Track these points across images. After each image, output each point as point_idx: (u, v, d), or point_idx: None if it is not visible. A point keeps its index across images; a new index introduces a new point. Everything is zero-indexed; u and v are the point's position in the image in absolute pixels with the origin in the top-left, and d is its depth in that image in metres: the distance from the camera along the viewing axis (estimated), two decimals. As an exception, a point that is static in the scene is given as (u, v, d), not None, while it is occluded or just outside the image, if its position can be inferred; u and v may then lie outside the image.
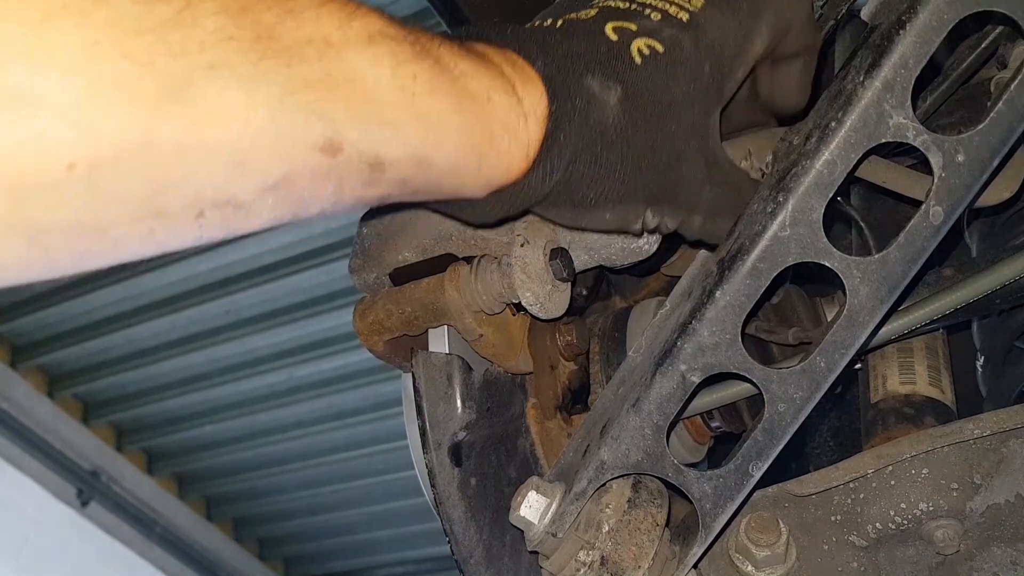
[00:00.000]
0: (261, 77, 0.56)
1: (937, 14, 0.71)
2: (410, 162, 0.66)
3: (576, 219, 0.81)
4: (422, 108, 0.65)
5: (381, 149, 0.64)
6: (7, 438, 4.83)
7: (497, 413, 1.03)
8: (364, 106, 0.62)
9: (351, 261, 1.07)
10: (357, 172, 0.63)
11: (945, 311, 0.90)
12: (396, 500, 5.31)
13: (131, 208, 0.54)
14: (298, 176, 0.60)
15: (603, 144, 0.76)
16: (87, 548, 5.12)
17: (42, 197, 0.50)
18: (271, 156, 0.58)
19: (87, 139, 0.50)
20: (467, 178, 0.72)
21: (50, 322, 4.77)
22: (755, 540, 0.84)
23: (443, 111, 0.67)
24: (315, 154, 0.60)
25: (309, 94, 0.58)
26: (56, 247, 0.53)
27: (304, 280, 4.36)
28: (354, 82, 0.61)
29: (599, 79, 0.75)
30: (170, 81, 0.52)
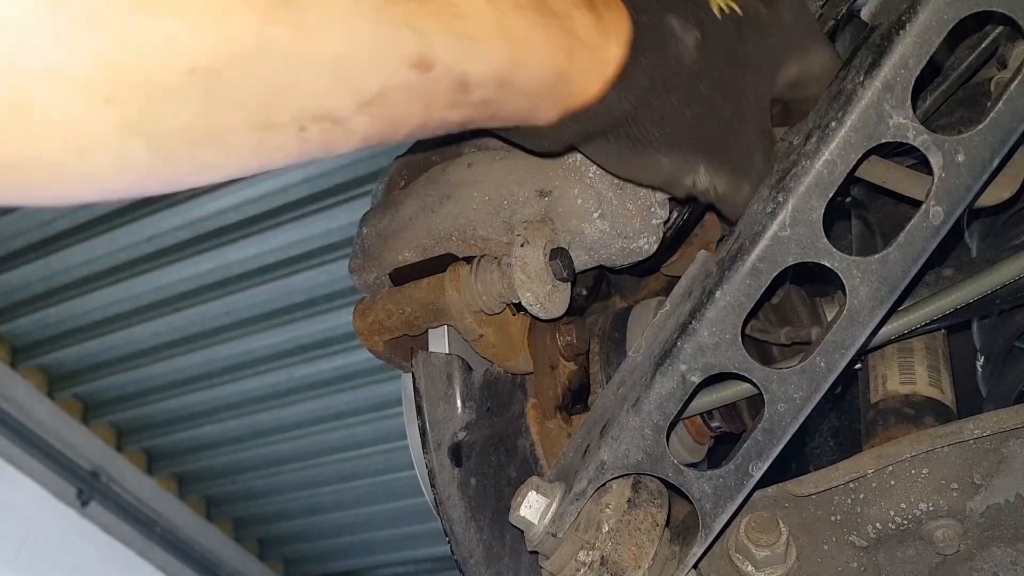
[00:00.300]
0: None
1: (937, 14, 0.71)
2: (493, 81, 0.67)
3: (632, 161, 0.81)
4: (507, 24, 0.66)
5: (468, 67, 0.65)
6: (7, 438, 4.83)
7: (497, 413, 1.03)
8: (454, 21, 0.63)
9: (351, 261, 1.07)
10: (444, 91, 0.64)
11: (945, 311, 0.90)
12: (396, 500, 5.31)
13: (242, 115, 0.56)
14: (391, 92, 0.61)
15: (677, 81, 0.77)
16: (87, 548, 5.12)
17: (165, 102, 0.52)
18: (368, 69, 0.59)
19: (207, 44, 0.52)
20: (543, 99, 0.73)
21: (50, 322, 4.76)
22: (755, 540, 0.84)
23: (527, 27, 0.68)
24: (407, 70, 0.61)
25: (403, 7, 0.60)
26: (177, 154, 0.55)
27: (304, 280, 4.36)
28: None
29: (680, 19, 0.77)
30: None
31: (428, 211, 1.00)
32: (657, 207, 0.97)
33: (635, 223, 0.95)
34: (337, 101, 0.59)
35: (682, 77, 0.77)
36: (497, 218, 0.97)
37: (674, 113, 0.78)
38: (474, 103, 0.67)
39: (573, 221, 0.95)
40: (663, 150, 0.79)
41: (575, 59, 0.72)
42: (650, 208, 0.97)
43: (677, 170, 0.81)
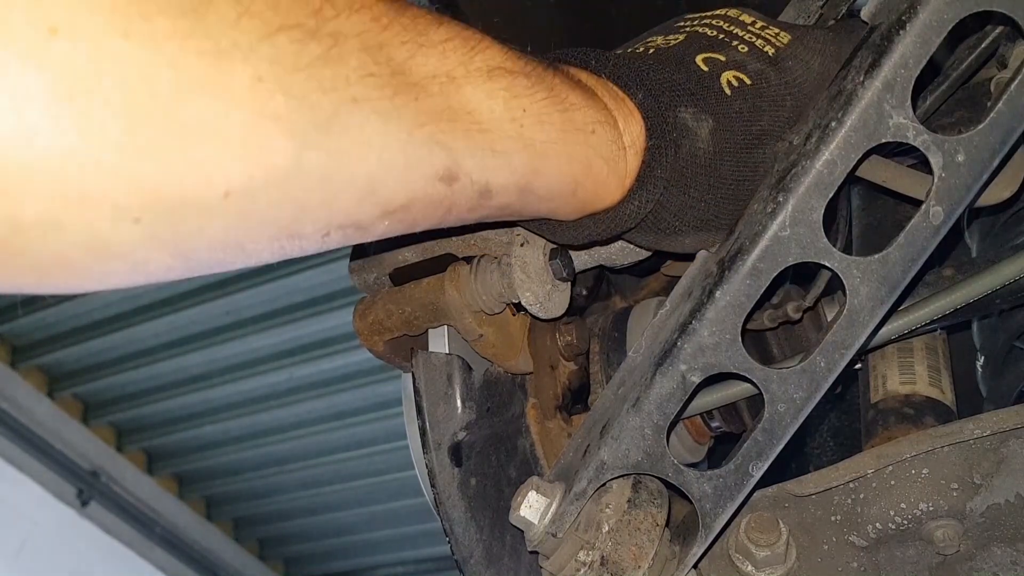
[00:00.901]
0: (395, 111, 0.59)
1: (937, 14, 0.71)
2: (515, 189, 0.69)
3: (656, 243, 0.84)
4: (529, 137, 0.68)
5: (491, 177, 0.67)
6: (7, 438, 4.83)
7: (497, 413, 1.03)
8: (479, 137, 0.65)
9: (351, 261, 1.07)
10: (467, 199, 0.66)
11: (945, 311, 0.90)
12: (396, 500, 5.31)
13: (271, 231, 0.57)
14: (417, 202, 0.63)
15: (693, 174, 0.79)
16: (87, 548, 5.12)
17: (196, 220, 0.53)
18: (397, 185, 0.61)
19: (244, 168, 0.53)
20: (562, 204, 0.75)
21: (50, 322, 4.76)
22: (755, 540, 0.84)
23: (549, 141, 0.70)
24: (435, 183, 0.63)
25: (433, 127, 0.61)
26: (198, 260, 0.56)
27: (304, 280, 4.36)
28: (471, 113, 0.64)
29: (692, 111, 0.78)
30: (320, 115, 0.55)
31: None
32: (657, 207, 0.97)
33: (635, 223, 0.95)
34: (364, 214, 0.61)
35: (698, 168, 0.78)
36: (497, 218, 0.97)
37: (693, 203, 0.80)
38: (494, 207, 0.69)
39: (573, 221, 0.95)
40: (686, 233, 0.82)
41: (593, 171, 0.74)
42: (650, 208, 0.97)
43: (701, 245, 0.85)
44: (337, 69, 0.56)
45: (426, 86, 0.61)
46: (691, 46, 0.82)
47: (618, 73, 0.78)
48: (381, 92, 0.58)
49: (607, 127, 0.74)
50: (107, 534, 5.21)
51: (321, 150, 0.55)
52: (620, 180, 0.77)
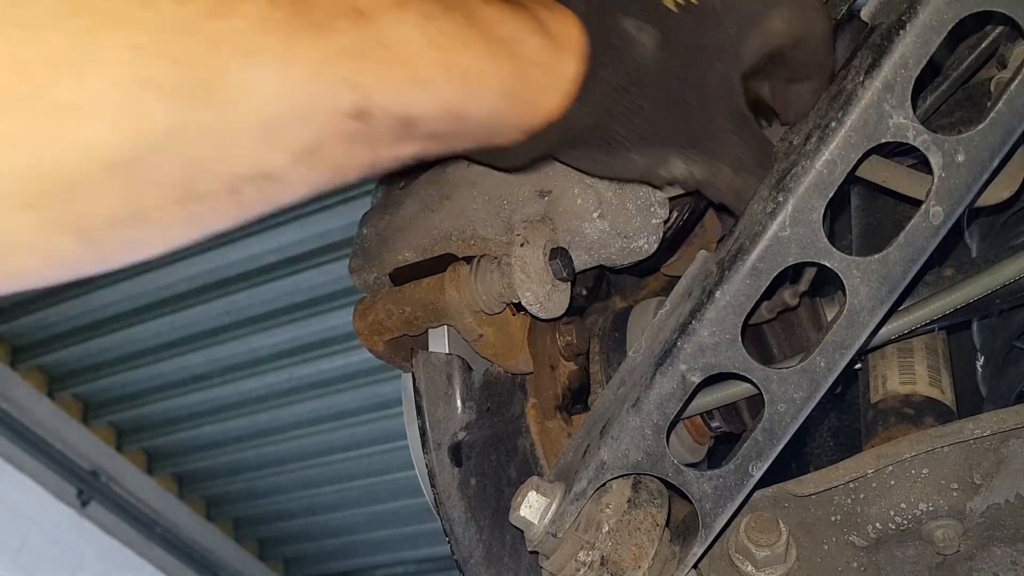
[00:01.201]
0: (293, 55, 0.58)
1: (937, 14, 0.71)
2: (444, 116, 0.68)
3: (607, 163, 0.82)
4: (454, 62, 0.67)
5: (413, 108, 0.65)
6: (7, 438, 4.83)
7: (497, 413, 1.03)
8: (395, 69, 0.63)
9: (351, 261, 1.07)
10: (389, 132, 0.65)
11: (945, 311, 0.90)
12: (396, 500, 5.31)
13: (168, 193, 0.56)
14: (328, 142, 0.61)
15: (640, 84, 0.77)
16: (87, 548, 5.12)
17: (87, 195, 0.53)
18: (300, 127, 0.60)
19: (124, 138, 0.52)
20: (504, 124, 0.74)
21: (50, 322, 4.76)
22: (755, 540, 0.84)
23: (475, 62, 0.68)
24: (344, 120, 0.61)
25: (340, 65, 0.60)
26: (104, 240, 0.56)
27: (304, 280, 4.36)
28: (385, 46, 0.62)
29: (635, 21, 0.77)
30: (205, 73, 0.54)
31: (428, 211, 1.00)
32: (657, 207, 0.97)
33: (635, 223, 0.95)
34: (269, 160, 0.59)
35: (644, 78, 0.77)
36: (497, 218, 0.97)
37: (639, 113, 0.78)
38: (425, 136, 0.68)
39: (573, 221, 0.95)
40: (634, 149, 0.80)
41: (530, 82, 0.73)
42: (650, 208, 0.97)
43: (651, 164, 0.82)
44: (227, 22, 0.55)
45: (331, 23, 0.60)
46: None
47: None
48: (278, 38, 0.57)
49: (536, 35, 0.73)
50: (107, 534, 5.21)
51: (206, 107, 0.55)
52: (561, 87, 0.75)
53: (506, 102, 0.72)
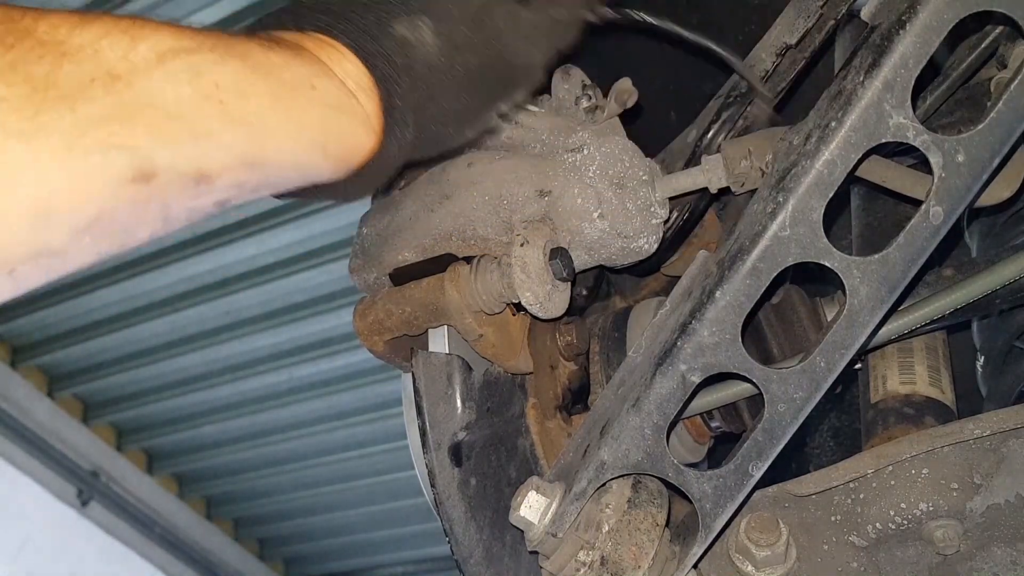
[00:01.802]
0: (42, 130, 0.56)
1: (937, 14, 0.71)
2: (240, 166, 0.66)
3: (445, 146, 0.84)
4: (235, 113, 0.65)
5: (201, 163, 0.64)
6: (7, 438, 4.82)
7: (497, 413, 1.03)
8: (170, 126, 0.62)
9: (351, 261, 1.07)
10: (181, 189, 0.63)
11: (945, 311, 0.90)
12: (396, 500, 5.31)
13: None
14: (113, 210, 0.60)
15: (439, 80, 0.78)
16: (87, 548, 5.12)
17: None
18: (76, 200, 0.58)
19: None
20: (314, 166, 0.73)
21: (50, 322, 4.76)
22: (755, 540, 0.84)
23: (260, 109, 0.67)
24: (127, 185, 0.60)
25: (102, 131, 0.58)
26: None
27: (304, 280, 4.35)
28: (152, 106, 0.61)
29: (405, 23, 0.77)
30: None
31: (428, 211, 1.00)
32: (657, 207, 0.98)
33: (635, 223, 0.95)
34: (47, 237, 0.58)
35: (441, 72, 0.78)
36: (497, 218, 0.97)
37: (451, 102, 0.79)
38: (223, 188, 0.66)
39: (573, 221, 0.95)
40: (464, 125, 0.82)
41: (331, 124, 0.72)
42: (650, 208, 0.97)
43: (484, 127, 0.85)
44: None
45: (83, 92, 0.58)
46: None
47: (320, 23, 0.76)
48: (20, 115, 0.55)
49: (324, 77, 0.72)
50: (107, 534, 5.21)
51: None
52: (366, 123, 0.75)
53: (309, 145, 0.71)
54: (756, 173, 0.95)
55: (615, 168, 0.96)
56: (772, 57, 1.08)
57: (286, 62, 0.70)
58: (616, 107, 1.01)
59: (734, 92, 1.08)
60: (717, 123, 1.07)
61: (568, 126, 1.00)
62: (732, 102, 1.08)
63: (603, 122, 1.01)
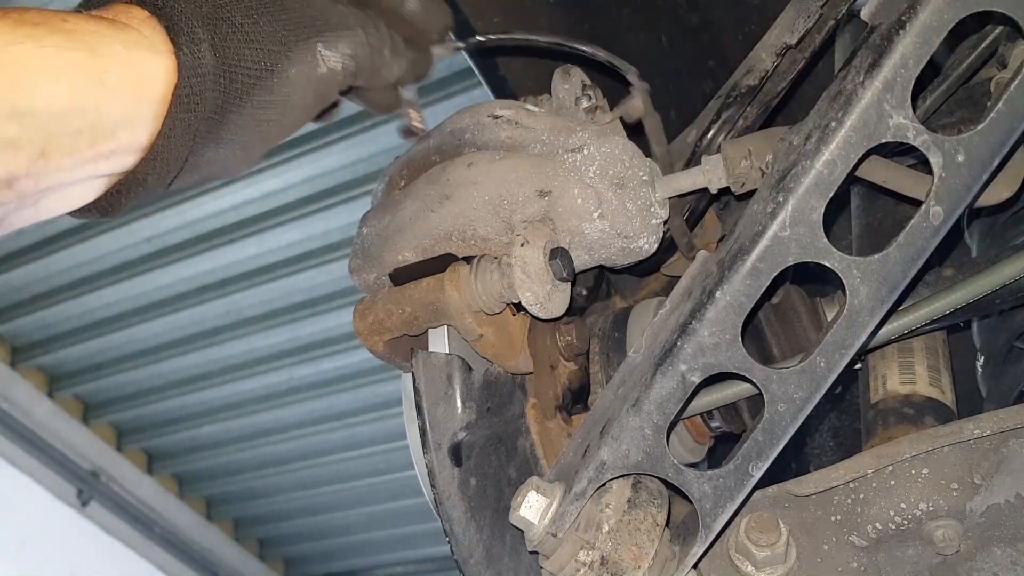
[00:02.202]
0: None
1: (937, 14, 0.71)
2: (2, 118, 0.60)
3: (272, 101, 0.77)
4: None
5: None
6: (7, 438, 4.83)
7: (497, 413, 1.03)
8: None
9: (351, 261, 1.07)
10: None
11: (945, 311, 0.91)
12: (396, 500, 5.31)
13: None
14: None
15: (226, 5, 0.74)
16: (87, 548, 5.12)
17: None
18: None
19: None
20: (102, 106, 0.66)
21: (50, 322, 4.76)
22: (755, 540, 0.84)
23: (2, 46, 0.61)
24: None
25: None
26: None
27: (304, 280, 4.36)
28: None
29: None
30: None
31: (428, 211, 1.00)
32: (657, 207, 0.98)
33: (635, 223, 0.95)
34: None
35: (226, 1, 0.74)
36: (497, 218, 0.97)
37: (253, 24, 0.74)
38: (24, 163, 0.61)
39: (573, 221, 0.95)
40: (281, 62, 0.76)
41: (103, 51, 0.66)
42: (650, 208, 0.97)
43: (308, 69, 0.78)
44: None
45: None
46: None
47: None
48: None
49: (77, 14, 0.67)
50: (107, 534, 5.21)
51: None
52: (147, 44, 0.68)
53: (82, 78, 0.64)
54: (756, 173, 0.95)
55: (615, 168, 0.96)
56: (772, 57, 1.08)
57: (27, 9, 0.65)
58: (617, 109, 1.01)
59: (734, 92, 1.08)
60: (717, 123, 1.07)
61: (568, 126, 1.00)
62: (732, 102, 1.08)
63: (603, 122, 1.02)
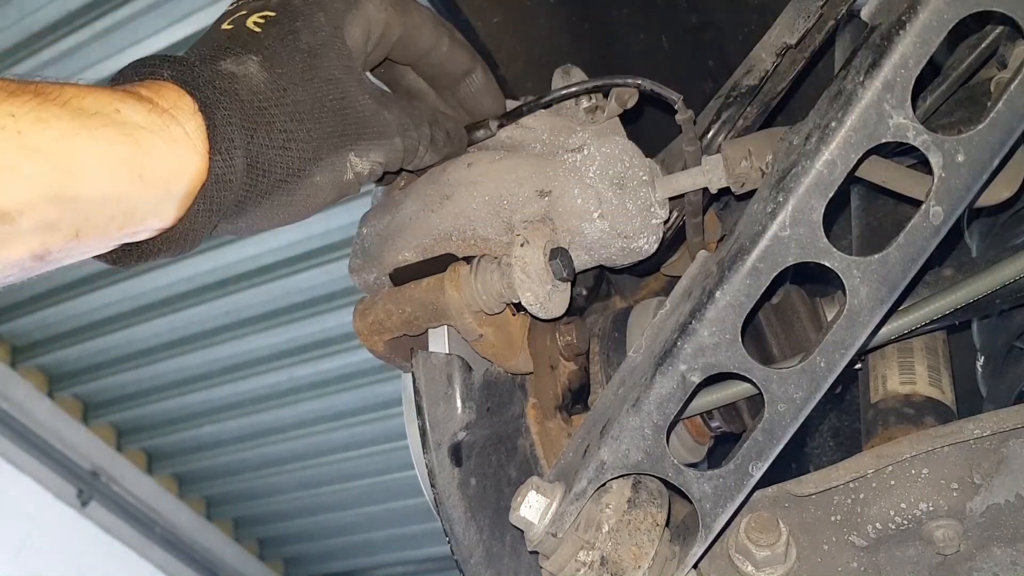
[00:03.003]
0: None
1: (937, 14, 0.71)
2: (45, 202, 0.63)
3: (292, 200, 0.80)
4: (34, 142, 0.62)
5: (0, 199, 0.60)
6: (7, 438, 4.83)
7: (497, 413, 1.03)
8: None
9: (351, 261, 1.07)
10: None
11: (945, 311, 0.90)
12: (396, 500, 5.31)
13: None
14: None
15: (267, 108, 0.76)
16: (87, 548, 5.12)
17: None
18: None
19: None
20: (134, 197, 0.68)
21: (50, 322, 4.76)
22: (755, 540, 0.84)
23: (61, 136, 0.63)
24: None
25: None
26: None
27: (304, 280, 4.35)
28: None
29: (231, 60, 0.77)
30: None
31: (428, 211, 1.00)
32: (657, 207, 0.98)
33: (635, 223, 0.95)
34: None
35: (267, 101, 0.77)
36: (497, 218, 0.97)
37: (288, 135, 0.77)
38: (33, 230, 0.63)
39: (573, 221, 0.95)
40: (309, 171, 0.79)
41: (146, 145, 0.68)
42: (650, 208, 0.97)
43: (335, 175, 0.82)
44: None
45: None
46: (217, 21, 0.83)
47: (150, 69, 0.75)
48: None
49: (131, 100, 0.69)
50: (107, 534, 5.21)
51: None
52: (187, 141, 0.71)
53: (122, 169, 0.67)
54: (756, 173, 0.95)
55: (615, 168, 0.96)
56: (772, 57, 1.08)
57: (85, 91, 0.67)
58: (616, 107, 1.01)
59: (734, 92, 1.08)
60: (717, 123, 1.07)
61: (568, 126, 1.00)
62: (732, 102, 1.08)
63: (603, 122, 1.02)
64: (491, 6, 1.30)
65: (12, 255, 0.64)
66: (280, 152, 0.77)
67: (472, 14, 1.28)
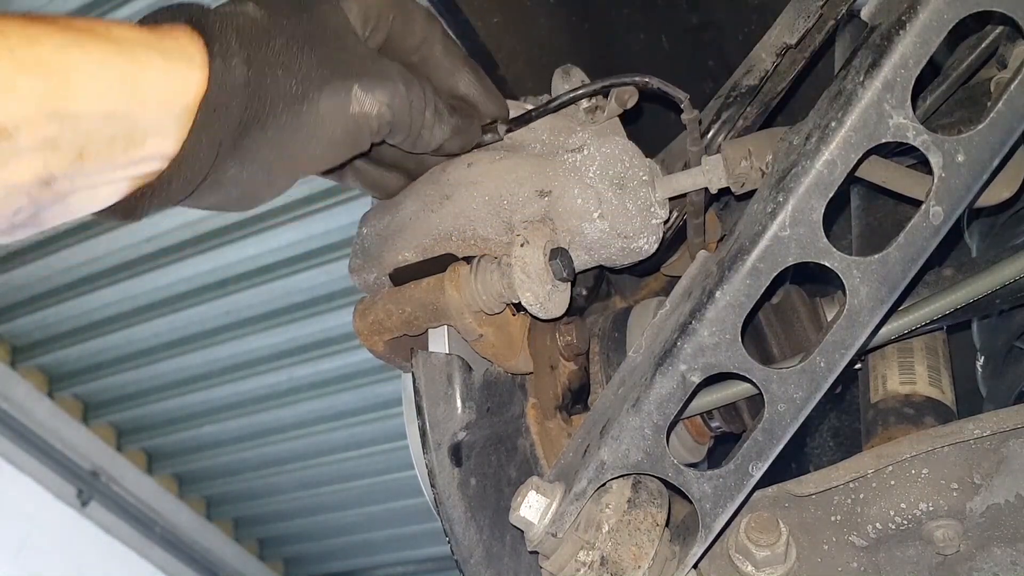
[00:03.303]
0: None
1: (937, 14, 0.71)
2: (42, 117, 0.62)
3: (298, 127, 0.78)
4: (27, 58, 0.62)
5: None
6: (7, 438, 4.83)
7: (497, 413, 1.03)
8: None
9: (351, 261, 1.07)
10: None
11: (945, 311, 0.90)
12: (396, 500, 5.31)
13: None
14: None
15: (268, 32, 0.75)
16: (87, 548, 5.12)
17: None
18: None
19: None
20: (134, 113, 0.68)
21: (50, 322, 4.76)
22: (755, 540, 0.84)
23: (54, 51, 0.63)
24: None
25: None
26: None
27: (304, 280, 4.36)
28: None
29: (228, 5, 0.77)
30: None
31: (428, 211, 1.00)
32: (657, 207, 0.98)
33: (635, 223, 0.95)
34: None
35: (264, 29, 0.76)
36: (497, 218, 0.97)
37: (289, 54, 0.76)
38: (32, 147, 0.63)
39: (573, 221, 0.95)
40: (315, 94, 0.77)
41: (144, 59, 0.68)
42: (650, 208, 0.97)
43: (342, 108, 0.79)
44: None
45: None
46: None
47: (146, 18, 0.75)
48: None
49: (122, 24, 0.69)
50: (107, 534, 5.21)
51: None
52: (184, 55, 0.71)
53: (118, 83, 0.67)
54: (756, 173, 0.95)
55: (615, 168, 0.96)
56: (772, 57, 1.08)
57: (77, 17, 0.67)
58: (616, 107, 1.01)
59: (734, 92, 1.08)
60: (717, 123, 1.07)
61: (568, 126, 1.00)
62: (732, 102, 1.08)
63: (603, 122, 1.01)
64: (491, 6, 1.30)
65: (15, 177, 0.63)
66: (282, 70, 0.76)
67: (472, 14, 1.27)
